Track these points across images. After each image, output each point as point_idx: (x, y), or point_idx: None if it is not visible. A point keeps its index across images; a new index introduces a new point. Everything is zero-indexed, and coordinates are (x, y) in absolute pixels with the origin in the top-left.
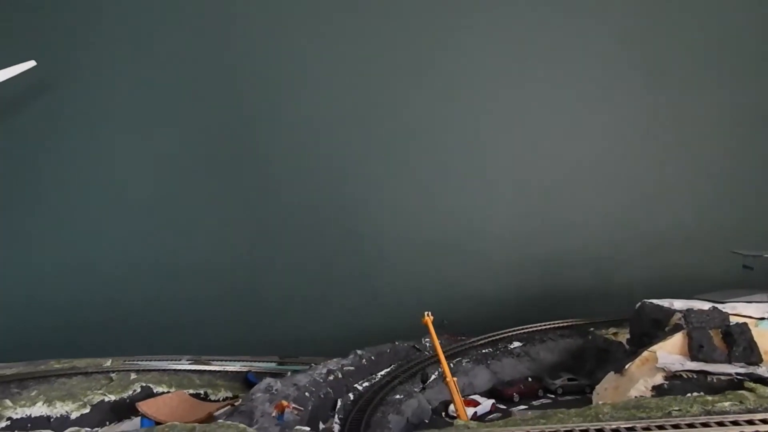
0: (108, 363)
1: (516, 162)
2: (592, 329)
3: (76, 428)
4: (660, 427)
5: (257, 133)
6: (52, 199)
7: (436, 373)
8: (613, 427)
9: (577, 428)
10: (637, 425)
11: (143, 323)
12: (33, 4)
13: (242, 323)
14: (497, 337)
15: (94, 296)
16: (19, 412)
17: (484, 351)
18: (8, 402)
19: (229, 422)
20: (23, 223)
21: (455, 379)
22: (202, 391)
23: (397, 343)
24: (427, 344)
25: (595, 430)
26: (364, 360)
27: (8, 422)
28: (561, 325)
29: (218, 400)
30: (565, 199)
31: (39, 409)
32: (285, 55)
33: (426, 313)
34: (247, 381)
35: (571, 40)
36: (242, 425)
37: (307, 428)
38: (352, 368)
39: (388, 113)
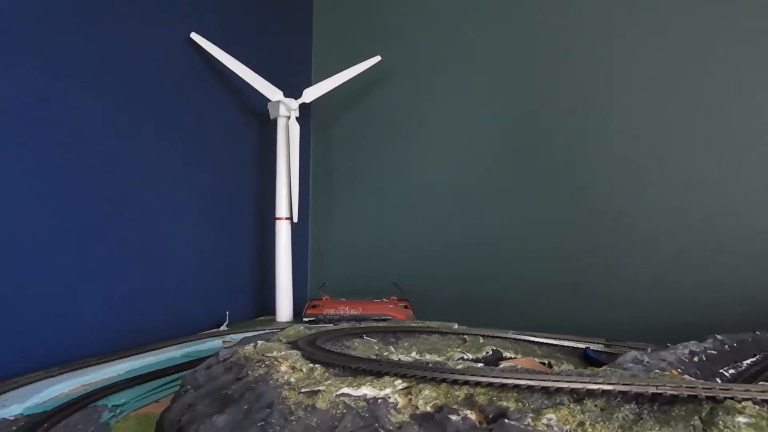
0: (455, 326)
1: None
2: None
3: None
4: None
5: (566, 130)
6: (379, 184)
7: None
8: None
9: None
10: None
11: (455, 297)
12: (377, 5)
13: (559, 305)
14: None
15: (410, 271)
16: (402, 358)
17: None
18: (391, 348)
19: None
20: (354, 206)
21: None
22: (546, 361)
23: (758, 332)
24: None
25: None
26: (726, 346)
27: None
28: None
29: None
30: None
31: (414, 357)
32: (603, 57)
33: None
34: (585, 356)
35: None
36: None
37: None
38: (714, 353)
39: (686, 110)
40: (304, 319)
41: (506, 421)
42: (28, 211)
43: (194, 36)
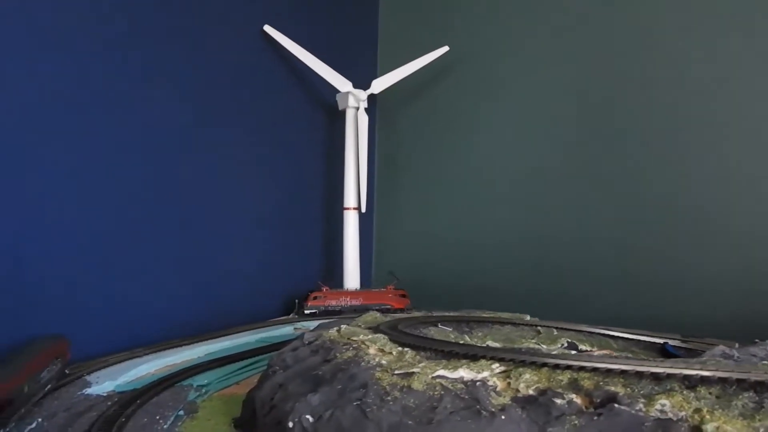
0: (527, 318)
1: None
2: None
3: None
4: None
5: (641, 120)
6: (444, 175)
7: None
8: None
9: None
10: None
11: (522, 289)
12: None
13: (629, 298)
14: None
15: (475, 263)
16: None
17: None
18: (466, 337)
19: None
20: (419, 196)
21: None
22: (623, 354)
23: None
24: None
25: None
26: None
27: None
28: None
29: None
30: None
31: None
32: (686, 42)
33: None
34: (664, 351)
35: None
36: None
37: None
38: None
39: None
40: (306, 312)
41: (616, 405)
42: (124, 207)
43: (267, 28)
